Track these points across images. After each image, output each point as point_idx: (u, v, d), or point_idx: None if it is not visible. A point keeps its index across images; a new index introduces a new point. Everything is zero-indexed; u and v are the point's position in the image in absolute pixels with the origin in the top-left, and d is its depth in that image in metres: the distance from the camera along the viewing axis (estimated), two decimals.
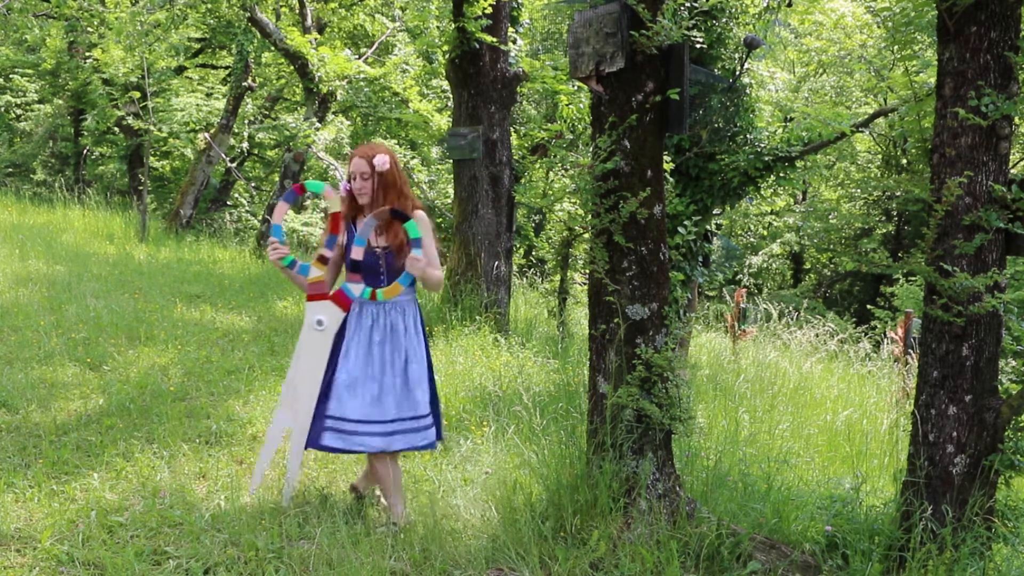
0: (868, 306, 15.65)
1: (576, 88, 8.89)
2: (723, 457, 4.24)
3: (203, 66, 17.89)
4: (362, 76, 12.39)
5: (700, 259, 6.81)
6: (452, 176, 9.00)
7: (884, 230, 18.68)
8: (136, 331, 6.72)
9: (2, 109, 18.36)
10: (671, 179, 6.26)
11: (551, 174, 11.10)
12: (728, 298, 11.11)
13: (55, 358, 5.81)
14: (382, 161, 3.46)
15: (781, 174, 6.18)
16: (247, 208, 17.44)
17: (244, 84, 13.69)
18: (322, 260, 3.59)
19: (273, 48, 13.23)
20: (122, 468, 4.13)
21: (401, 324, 3.57)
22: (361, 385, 3.54)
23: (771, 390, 6.78)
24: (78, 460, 4.21)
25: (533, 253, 16.01)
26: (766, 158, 6.10)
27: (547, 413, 4.88)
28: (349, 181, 3.54)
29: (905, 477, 3.44)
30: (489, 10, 7.57)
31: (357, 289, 3.53)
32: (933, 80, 3.61)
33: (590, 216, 3.53)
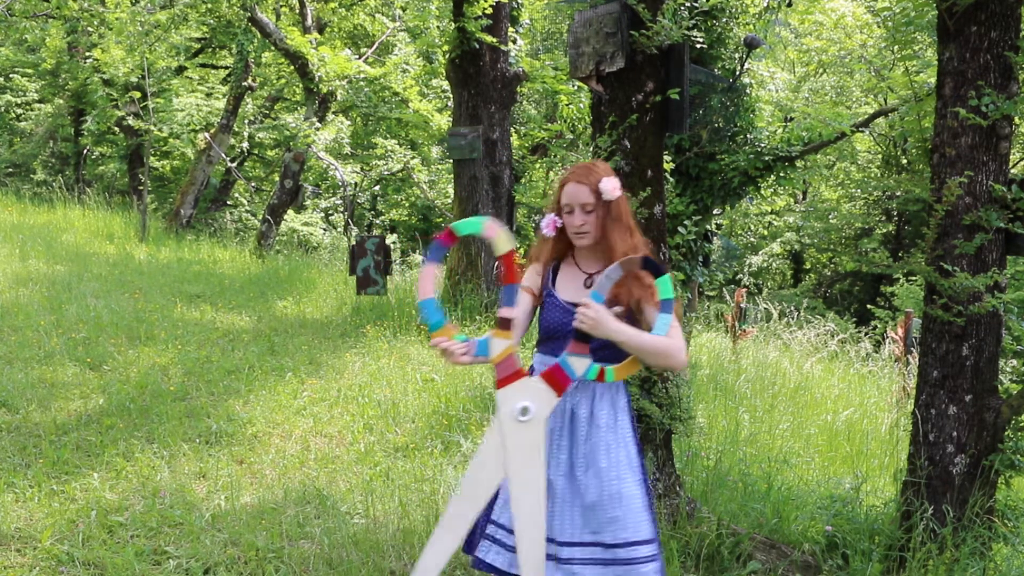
0: (868, 306, 15.64)
1: (576, 88, 8.89)
2: (723, 457, 4.24)
3: (203, 66, 17.88)
4: (362, 76, 12.39)
5: (700, 259, 6.80)
6: (452, 176, 9.00)
7: (884, 230, 18.68)
8: (136, 331, 6.72)
9: (2, 109, 18.36)
10: (671, 179, 6.26)
11: (551, 174, 11.10)
12: (728, 298, 11.11)
13: (55, 358, 5.81)
14: (612, 187, 2.51)
15: (781, 174, 6.18)
16: (247, 208, 17.44)
17: (244, 84, 13.69)
18: (504, 325, 2.45)
19: (273, 48, 13.23)
20: (122, 468, 4.13)
21: (586, 410, 2.52)
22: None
23: (771, 390, 6.78)
24: (78, 460, 4.21)
25: None
26: (766, 158, 6.10)
27: None
28: (558, 215, 2.58)
29: (905, 477, 3.44)
30: (489, 10, 7.57)
31: (582, 365, 2.42)
32: (933, 80, 3.61)
33: None
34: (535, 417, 2.41)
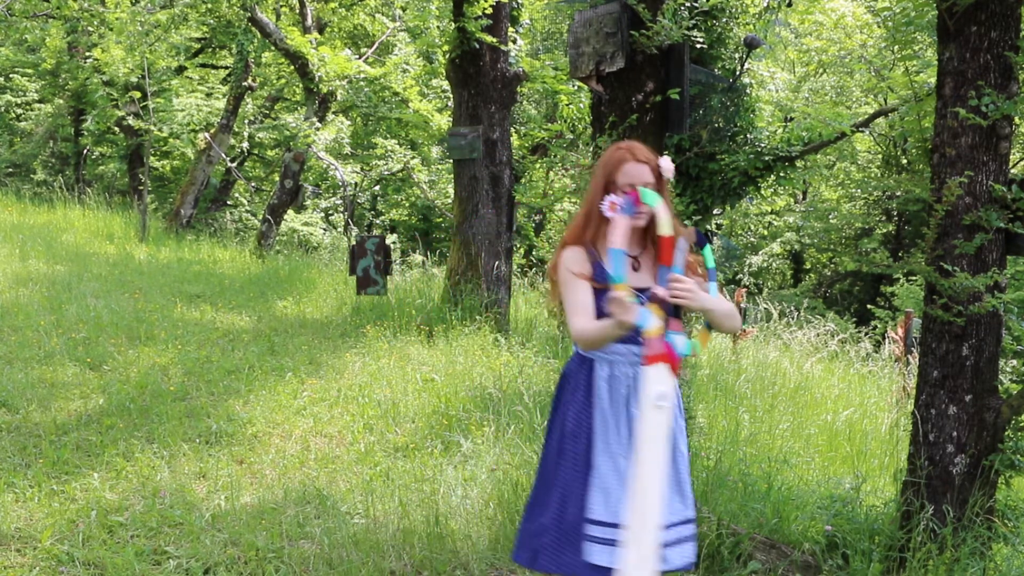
0: (868, 306, 15.64)
1: (576, 88, 8.89)
2: (723, 457, 4.24)
3: (203, 66, 17.87)
4: (362, 76, 12.39)
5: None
6: (452, 176, 9.00)
7: (884, 230, 18.67)
8: (136, 331, 6.72)
9: (2, 109, 18.35)
10: (671, 179, 6.25)
11: (551, 174, 11.11)
12: (728, 298, 11.10)
13: (55, 358, 5.81)
14: (669, 166, 2.49)
15: (781, 174, 6.17)
16: (247, 208, 17.43)
17: (244, 84, 13.69)
18: (659, 303, 2.37)
19: (273, 48, 13.23)
20: (122, 468, 4.13)
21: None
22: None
23: (771, 390, 6.78)
24: (78, 460, 4.21)
25: (533, 253, 16.00)
26: (766, 158, 6.09)
27: (547, 413, 4.87)
28: (623, 194, 2.45)
29: (905, 477, 3.44)
30: (489, 10, 7.56)
31: (682, 342, 2.39)
32: (933, 80, 3.61)
33: None
34: (668, 404, 2.36)
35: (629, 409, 2.47)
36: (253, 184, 17.26)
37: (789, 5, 6.12)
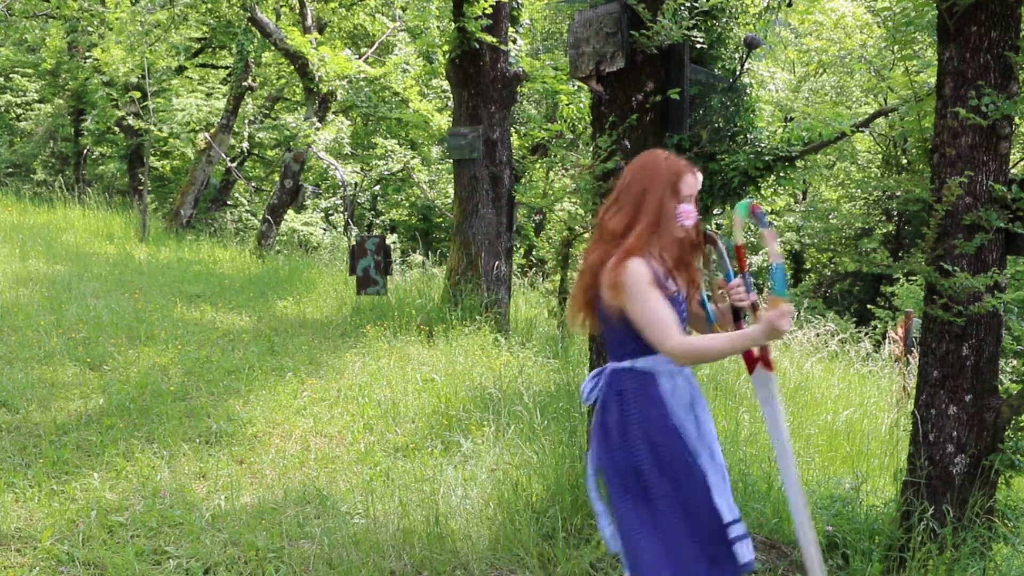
0: (868, 306, 15.64)
1: (576, 88, 8.88)
2: (723, 457, 4.23)
3: (203, 66, 17.87)
4: (362, 76, 12.39)
5: (700, 259, 6.78)
6: (452, 176, 9.00)
7: (884, 230, 18.67)
8: (136, 331, 6.72)
9: (2, 109, 18.35)
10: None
11: (551, 174, 11.10)
12: (728, 298, 11.09)
13: (55, 358, 5.81)
14: (700, 178, 2.56)
15: (781, 174, 6.17)
16: (247, 208, 17.42)
17: (244, 84, 13.69)
18: (755, 308, 2.61)
19: (273, 48, 13.23)
20: (122, 468, 4.13)
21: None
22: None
23: None
24: (78, 460, 4.21)
25: (533, 253, 16.00)
26: (766, 158, 6.08)
27: (548, 413, 4.88)
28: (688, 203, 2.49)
29: (905, 477, 3.44)
30: (489, 10, 7.57)
31: None
32: (933, 80, 3.61)
33: (590, 216, 3.54)
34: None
35: (695, 413, 2.51)
36: (253, 184, 17.26)
37: (789, 5, 6.12)
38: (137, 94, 13.42)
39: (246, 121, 15.78)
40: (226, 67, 17.70)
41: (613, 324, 2.46)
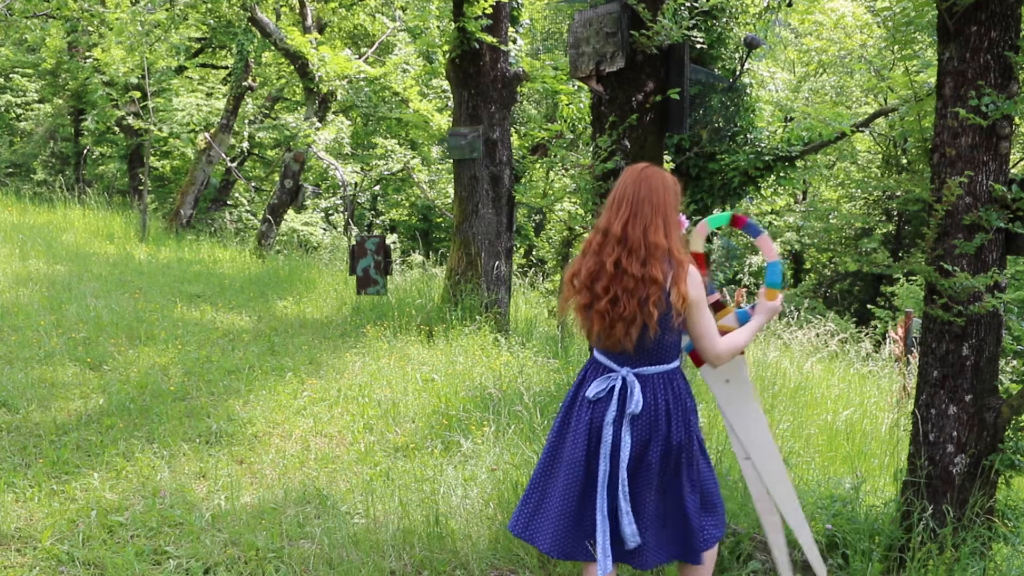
0: (868, 306, 15.64)
1: (576, 88, 8.88)
2: (723, 457, 4.24)
3: (203, 66, 17.87)
4: (362, 76, 12.39)
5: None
6: (452, 176, 9.00)
7: (884, 230, 18.66)
8: (136, 331, 6.72)
9: (2, 109, 18.35)
10: None
11: (551, 174, 11.11)
12: (728, 298, 11.11)
13: (55, 358, 5.81)
14: None
15: (781, 174, 6.18)
16: (247, 208, 17.43)
17: (244, 84, 13.69)
18: (716, 306, 2.89)
19: (273, 48, 13.23)
20: (122, 468, 4.13)
21: None
22: None
23: (771, 390, 6.77)
24: (78, 460, 4.21)
25: (533, 253, 16.01)
26: (766, 158, 6.09)
27: (548, 413, 4.88)
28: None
29: (905, 477, 3.44)
30: (489, 10, 7.56)
31: None
32: (933, 80, 3.61)
33: (590, 216, 3.54)
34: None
35: None
36: (253, 184, 17.27)
37: (789, 5, 6.12)
38: (137, 94, 13.42)
39: (246, 121, 15.78)
40: (226, 67, 17.70)
41: (671, 332, 2.58)
